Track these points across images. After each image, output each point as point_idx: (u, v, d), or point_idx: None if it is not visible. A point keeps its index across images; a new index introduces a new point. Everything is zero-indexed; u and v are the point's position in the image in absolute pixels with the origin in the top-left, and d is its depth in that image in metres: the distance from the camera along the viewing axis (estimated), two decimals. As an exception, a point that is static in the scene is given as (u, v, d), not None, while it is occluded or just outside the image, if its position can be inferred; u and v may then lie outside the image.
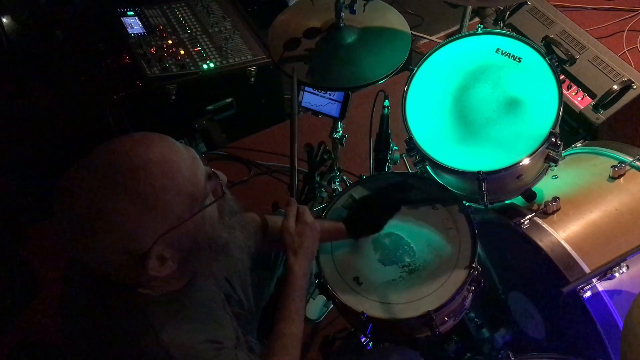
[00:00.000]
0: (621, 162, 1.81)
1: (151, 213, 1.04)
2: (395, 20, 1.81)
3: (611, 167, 1.80)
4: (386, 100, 1.80)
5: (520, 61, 1.65)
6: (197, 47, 2.69)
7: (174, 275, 1.15)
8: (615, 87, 2.39)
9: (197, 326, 1.18)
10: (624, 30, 3.38)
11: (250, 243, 1.27)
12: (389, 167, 2.06)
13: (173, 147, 1.10)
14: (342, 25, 1.77)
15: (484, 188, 1.65)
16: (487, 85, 1.66)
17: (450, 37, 1.73)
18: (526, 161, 1.57)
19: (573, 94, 2.54)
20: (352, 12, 1.74)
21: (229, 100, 2.73)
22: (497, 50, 1.67)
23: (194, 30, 2.76)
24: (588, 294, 1.60)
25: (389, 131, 1.83)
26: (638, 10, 3.45)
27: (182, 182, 1.08)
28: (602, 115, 2.40)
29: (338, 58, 1.76)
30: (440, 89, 1.71)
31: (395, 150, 2.27)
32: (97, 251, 1.06)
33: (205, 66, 2.62)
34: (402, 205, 1.68)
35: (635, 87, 2.40)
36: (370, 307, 1.60)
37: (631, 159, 1.82)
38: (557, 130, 1.58)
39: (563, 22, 2.66)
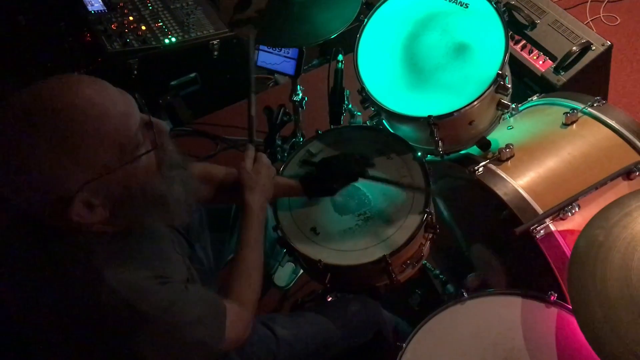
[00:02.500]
0: (573, 109, 1.84)
1: (71, 159, 1.02)
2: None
3: (564, 114, 1.82)
4: (340, 55, 1.82)
5: (467, 7, 1.67)
6: (159, 22, 2.69)
7: (108, 222, 1.12)
8: (574, 48, 2.42)
9: (142, 263, 1.18)
10: (587, 1, 3.43)
11: (191, 200, 1.25)
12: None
13: (104, 91, 1.06)
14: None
15: (437, 135, 1.67)
16: (436, 32, 1.68)
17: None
18: (476, 104, 1.59)
19: (534, 57, 2.57)
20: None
21: (192, 75, 2.73)
22: (444, -3, 1.70)
23: (155, 6, 2.76)
24: (541, 234, 1.62)
25: (344, 85, 1.84)
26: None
27: (109, 130, 1.04)
28: (563, 77, 2.43)
29: (290, 16, 1.77)
30: (390, 39, 1.73)
31: (359, 115, 2.29)
32: (20, 189, 1.04)
33: (167, 41, 2.62)
34: (360, 177, 1.68)
35: (594, 48, 2.44)
36: (327, 255, 1.61)
37: (583, 106, 1.85)
38: (505, 72, 1.60)
39: (523, -13, 2.69)
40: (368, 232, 1.64)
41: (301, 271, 2.41)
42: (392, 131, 1.81)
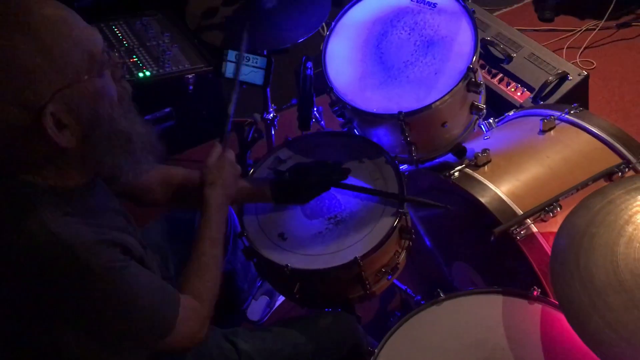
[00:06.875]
0: (550, 116, 1.79)
1: (48, 58, 0.97)
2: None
3: (540, 120, 1.78)
4: (309, 62, 1.78)
5: (434, 7, 1.65)
6: (134, 58, 2.67)
7: (75, 161, 1.07)
8: (551, 78, 2.43)
9: (97, 225, 1.07)
10: (563, 48, 3.48)
11: (154, 148, 1.19)
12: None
13: (65, 6, 1.04)
14: (260, -9, 1.77)
15: (409, 136, 1.61)
16: (404, 31, 1.65)
17: (367, -9, 1.73)
18: (447, 99, 1.54)
19: (512, 90, 2.58)
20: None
21: (167, 110, 2.69)
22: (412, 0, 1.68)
23: (131, 44, 2.75)
24: (522, 234, 1.53)
25: (312, 91, 1.79)
26: (574, 29, 3.57)
27: (80, 35, 1.02)
28: (541, 107, 2.41)
29: (257, 23, 1.75)
30: (358, 40, 1.69)
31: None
32: None
33: (141, 74, 2.59)
34: (332, 187, 1.61)
35: (570, 78, 2.44)
36: (295, 260, 1.50)
37: (560, 113, 1.81)
38: (476, 66, 1.56)
39: (498, 25, 2.73)
40: (339, 235, 1.54)
41: (277, 304, 2.28)
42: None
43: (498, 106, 2.49)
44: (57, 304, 1.02)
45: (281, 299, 2.28)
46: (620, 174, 1.63)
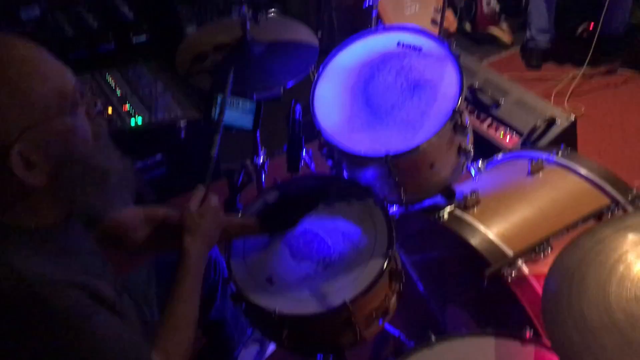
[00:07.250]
0: (539, 157, 1.80)
1: (14, 96, 0.96)
2: (302, 32, 1.85)
3: (529, 162, 1.78)
4: (298, 106, 1.79)
5: (420, 51, 1.67)
6: (126, 105, 2.69)
7: (46, 199, 1.04)
8: (539, 123, 2.45)
9: (67, 268, 1.04)
10: (551, 94, 3.52)
11: (130, 185, 1.17)
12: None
13: (37, 47, 1.04)
14: (249, 38, 1.80)
15: (397, 178, 1.60)
16: (390, 74, 1.67)
17: (353, 36, 1.76)
18: (434, 140, 1.54)
19: (501, 135, 2.59)
20: (256, 22, 1.78)
21: (158, 156, 2.69)
22: (398, 44, 1.70)
23: (124, 92, 2.78)
24: (513, 276, 1.51)
25: (301, 134, 1.80)
26: (561, 78, 3.62)
27: (49, 73, 1.01)
28: (530, 152, 2.42)
29: (245, 67, 1.77)
30: (346, 84, 1.71)
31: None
32: None
33: (133, 121, 2.61)
34: (319, 204, 1.62)
35: (558, 122, 2.46)
36: (283, 304, 1.47)
37: (548, 155, 1.82)
38: (462, 108, 1.57)
39: (486, 72, 2.77)
40: (328, 278, 1.51)
41: (268, 352, 2.23)
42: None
43: (487, 151, 2.49)
44: (17, 345, 0.97)
45: (273, 347, 2.23)
46: (610, 214, 1.62)
